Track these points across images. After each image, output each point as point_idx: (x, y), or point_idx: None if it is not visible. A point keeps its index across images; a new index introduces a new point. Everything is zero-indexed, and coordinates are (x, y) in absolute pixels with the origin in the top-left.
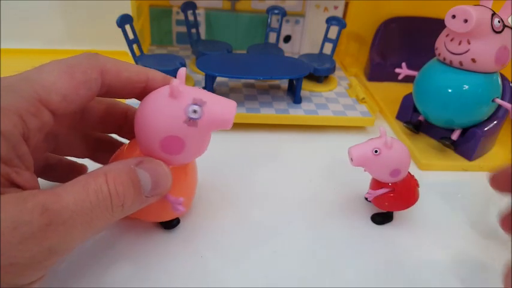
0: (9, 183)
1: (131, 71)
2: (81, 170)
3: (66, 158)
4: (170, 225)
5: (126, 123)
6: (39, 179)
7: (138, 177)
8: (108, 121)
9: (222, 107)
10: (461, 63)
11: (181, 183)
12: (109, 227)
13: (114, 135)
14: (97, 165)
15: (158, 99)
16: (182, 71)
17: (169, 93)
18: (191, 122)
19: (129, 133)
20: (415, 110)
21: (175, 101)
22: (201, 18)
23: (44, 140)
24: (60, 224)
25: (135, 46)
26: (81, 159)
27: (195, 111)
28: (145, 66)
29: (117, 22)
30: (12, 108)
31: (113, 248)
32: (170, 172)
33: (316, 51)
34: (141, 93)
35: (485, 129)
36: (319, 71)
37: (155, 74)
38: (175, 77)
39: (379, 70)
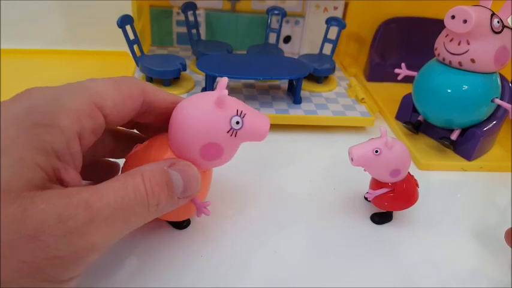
0: (56, 179)
1: (167, 96)
2: (116, 168)
3: (102, 158)
4: (181, 225)
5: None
6: None
7: (171, 178)
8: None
9: (260, 120)
10: (460, 64)
11: (205, 187)
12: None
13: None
14: None
15: (204, 105)
16: (224, 81)
17: (215, 102)
18: (233, 132)
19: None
20: (415, 110)
21: (221, 110)
22: (201, 19)
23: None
24: (102, 220)
25: (135, 46)
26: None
27: (237, 123)
28: (145, 66)
29: (117, 22)
30: (72, 108)
31: (113, 246)
32: (200, 175)
33: (316, 51)
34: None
35: (485, 129)
36: (319, 72)
37: (180, 98)
38: (175, 77)
39: (378, 70)
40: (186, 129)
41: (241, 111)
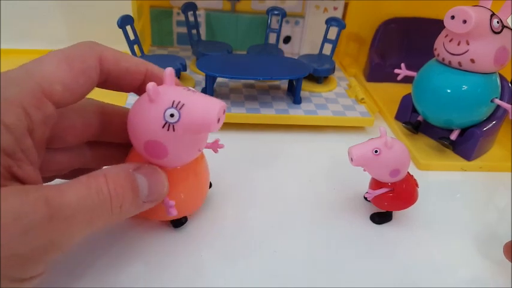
0: (11, 176)
1: (130, 61)
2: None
3: None
4: (179, 223)
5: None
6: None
7: (137, 181)
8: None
9: (203, 109)
10: (460, 64)
11: (181, 184)
12: (109, 225)
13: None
14: None
15: (140, 102)
16: (168, 71)
17: (148, 97)
18: (169, 126)
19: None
20: (414, 110)
21: (154, 104)
22: (201, 19)
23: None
24: (62, 219)
25: (135, 47)
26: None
27: (172, 115)
28: None
29: (117, 23)
30: (16, 101)
31: (113, 246)
32: (166, 179)
33: (315, 51)
34: (140, 87)
35: (484, 129)
36: (318, 72)
37: (154, 68)
38: (177, 77)
39: (378, 71)
40: (129, 129)
41: (178, 102)
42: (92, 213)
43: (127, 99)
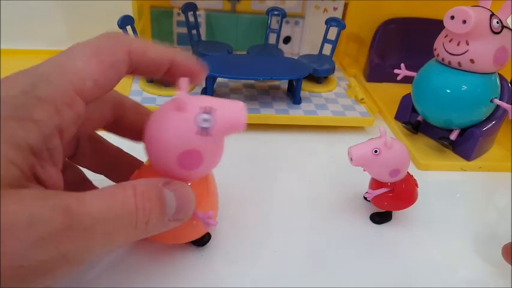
0: (32, 177)
1: (157, 52)
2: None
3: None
4: (202, 242)
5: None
6: None
7: (165, 197)
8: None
9: (232, 110)
10: (459, 64)
11: (205, 197)
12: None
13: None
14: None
15: (166, 115)
16: (183, 81)
17: (175, 107)
18: (204, 131)
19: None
20: (414, 110)
21: (183, 113)
22: (201, 20)
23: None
24: (81, 229)
25: None
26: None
27: (205, 120)
28: None
29: (118, 23)
30: (48, 98)
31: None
32: (195, 198)
33: (315, 52)
34: (167, 74)
35: (484, 129)
36: (318, 72)
37: (181, 58)
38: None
39: (378, 71)
40: (155, 144)
41: (209, 108)
42: (114, 226)
43: (131, 86)
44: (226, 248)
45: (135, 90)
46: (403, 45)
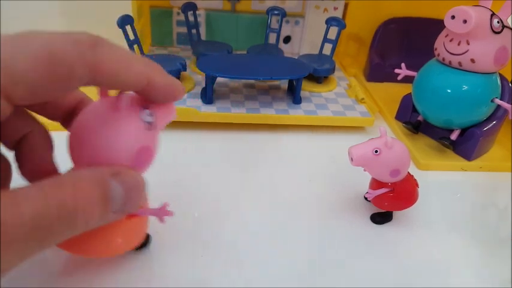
0: None
1: (130, 75)
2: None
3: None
4: (143, 245)
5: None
6: None
7: (110, 193)
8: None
9: (162, 99)
10: (460, 64)
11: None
12: None
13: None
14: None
15: (105, 117)
16: (124, 97)
17: (119, 107)
18: (152, 126)
19: None
20: (414, 110)
21: (124, 113)
22: (201, 19)
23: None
24: (12, 242)
25: (135, 47)
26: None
27: (149, 115)
28: None
29: (117, 22)
30: None
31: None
32: (145, 186)
33: (315, 51)
34: (141, 92)
35: (484, 129)
36: (318, 72)
37: (158, 79)
38: (175, 77)
39: (378, 70)
40: (98, 148)
41: (144, 103)
42: (49, 230)
43: None
44: (226, 248)
45: None
46: (403, 45)
